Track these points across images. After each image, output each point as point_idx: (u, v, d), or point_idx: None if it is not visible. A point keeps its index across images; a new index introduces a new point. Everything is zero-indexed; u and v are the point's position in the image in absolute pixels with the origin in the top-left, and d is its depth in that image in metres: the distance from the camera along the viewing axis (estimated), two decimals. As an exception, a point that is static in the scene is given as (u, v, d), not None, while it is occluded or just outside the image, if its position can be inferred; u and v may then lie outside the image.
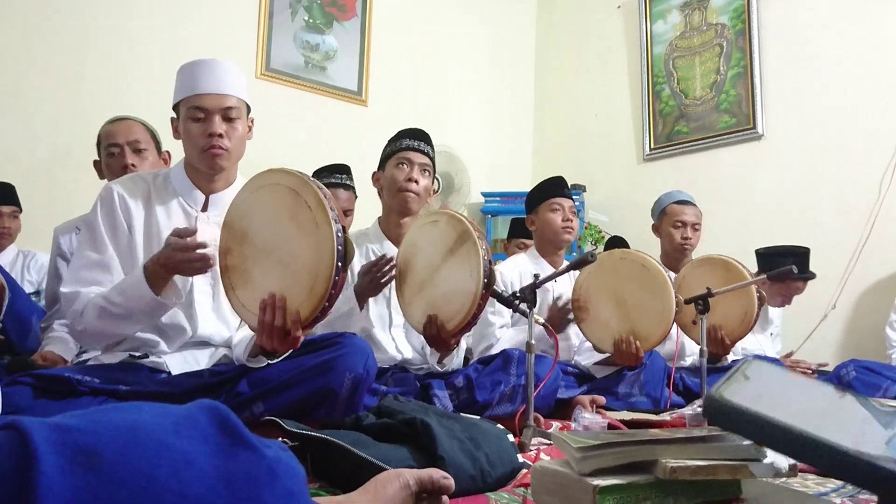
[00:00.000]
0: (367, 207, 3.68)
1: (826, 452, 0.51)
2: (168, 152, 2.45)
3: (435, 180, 2.36)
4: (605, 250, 3.30)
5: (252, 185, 1.50)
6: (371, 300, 2.12)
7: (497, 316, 2.59)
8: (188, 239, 1.49)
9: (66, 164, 3.30)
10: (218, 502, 0.48)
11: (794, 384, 0.63)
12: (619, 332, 2.38)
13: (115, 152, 2.30)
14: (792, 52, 3.94)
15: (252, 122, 1.81)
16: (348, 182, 3.07)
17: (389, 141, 2.33)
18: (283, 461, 0.54)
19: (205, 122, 1.67)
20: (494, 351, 2.46)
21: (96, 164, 2.42)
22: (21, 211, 3.11)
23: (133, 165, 2.27)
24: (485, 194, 4.77)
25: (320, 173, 3.03)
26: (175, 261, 1.50)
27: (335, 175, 3.04)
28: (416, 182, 2.21)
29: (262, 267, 1.45)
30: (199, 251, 1.48)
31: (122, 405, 0.53)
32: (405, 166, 2.22)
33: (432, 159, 2.30)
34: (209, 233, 1.56)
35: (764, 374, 0.63)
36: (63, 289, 1.63)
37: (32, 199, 3.13)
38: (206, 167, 1.72)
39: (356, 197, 3.14)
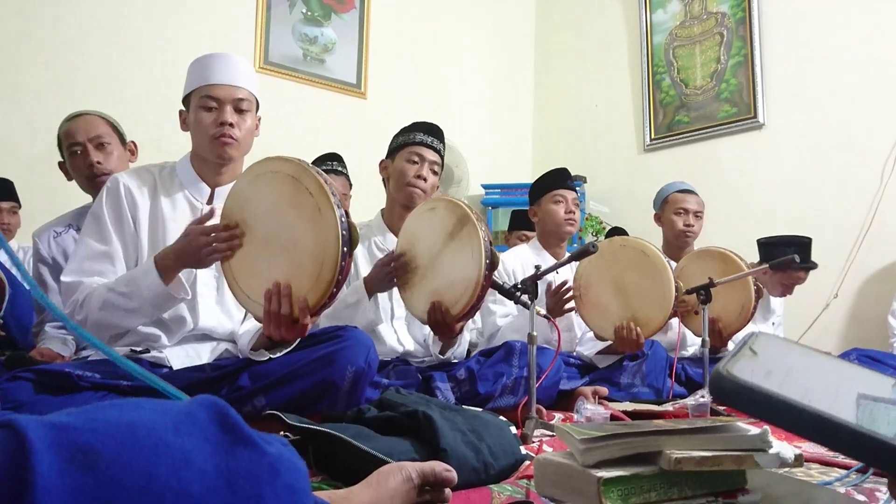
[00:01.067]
0: (368, 199, 3.67)
1: (838, 431, 0.50)
2: (133, 143, 2.34)
3: None
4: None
5: (249, 175, 1.48)
6: (372, 292, 2.12)
7: (499, 305, 2.58)
8: (209, 224, 1.49)
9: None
10: (218, 501, 0.48)
11: (803, 358, 0.62)
12: (620, 318, 2.38)
13: (77, 151, 2.19)
14: (793, 41, 3.91)
15: (259, 120, 1.81)
16: (340, 168, 3.07)
17: (403, 130, 2.30)
18: (284, 458, 0.53)
19: (216, 111, 1.68)
20: (498, 339, 2.46)
21: (62, 165, 2.30)
22: (20, 206, 3.10)
23: (99, 163, 2.18)
24: (485, 186, 4.76)
25: (312, 163, 3.04)
26: (196, 246, 1.48)
27: (326, 162, 3.05)
28: (425, 180, 2.20)
29: (265, 257, 1.44)
30: (224, 232, 1.47)
31: (121, 402, 0.53)
32: (416, 162, 2.21)
33: (442, 156, 2.29)
34: None
35: (772, 349, 0.61)
36: (64, 278, 1.62)
37: (32, 193, 3.13)
38: (215, 156, 1.71)
39: (351, 185, 3.14)
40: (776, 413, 0.52)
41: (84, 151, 2.19)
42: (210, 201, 1.75)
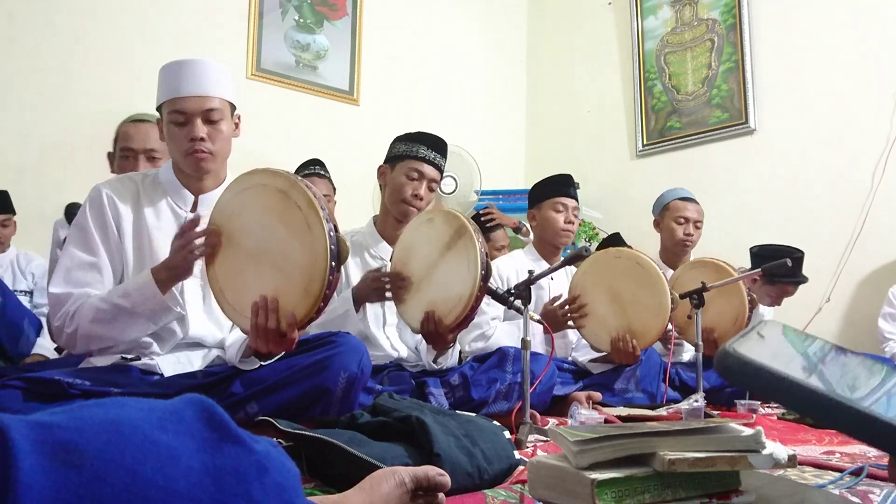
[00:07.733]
0: (360, 205, 3.67)
1: (838, 410, 0.50)
2: None
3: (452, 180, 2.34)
4: (598, 249, 3.29)
5: (237, 187, 1.47)
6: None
7: (490, 306, 2.57)
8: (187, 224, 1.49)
9: (56, 162, 3.28)
10: (205, 498, 0.47)
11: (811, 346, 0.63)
12: (616, 329, 2.38)
13: (128, 156, 2.24)
14: (783, 46, 3.94)
15: (238, 119, 1.76)
16: (322, 172, 3.08)
17: (407, 139, 2.25)
18: (273, 456, 0.53)
19: (187, 126, 1.63)
20: (490, 342, 2.45)
21: (110, 156, 2.35)
22: (14, 214, 3.09)
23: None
24: (477, 192, 4.76)
25: (296, 171, 3.04)
26: (180, 254, 1.48)
27: (309, 167, 3.07)
28: (421, 199, 2.19)
29: (253, 270, 1.43)
30: (198, 238, 1.46)
31: (106, 401, 0.52)
32: (414, 178, 2.19)
33: (443, 171, 2.27)
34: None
35: (779, 335, 0.62)
36: (52, 290, 1.59)
37: (23, 199, 3.11)
38: (192, 170, 1.69)
39: (334, 189, 3.14)
40: (778, 390, 0.53)
41: (134, 159, 2.23)
42: (194, 209, 1.72)
